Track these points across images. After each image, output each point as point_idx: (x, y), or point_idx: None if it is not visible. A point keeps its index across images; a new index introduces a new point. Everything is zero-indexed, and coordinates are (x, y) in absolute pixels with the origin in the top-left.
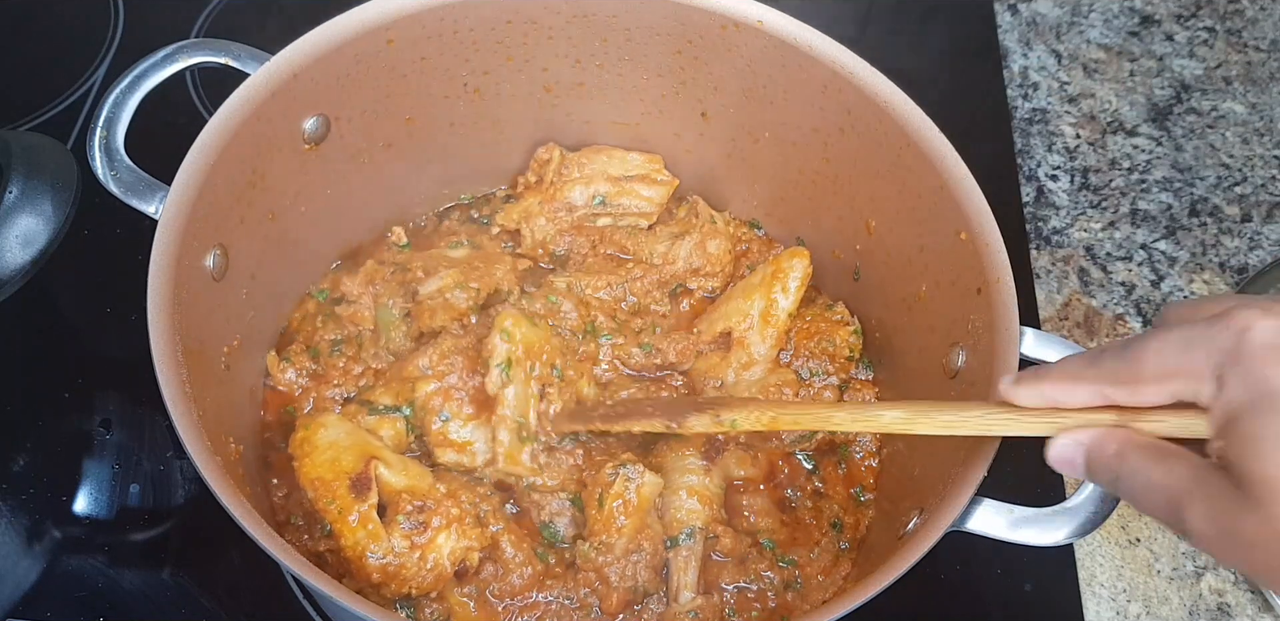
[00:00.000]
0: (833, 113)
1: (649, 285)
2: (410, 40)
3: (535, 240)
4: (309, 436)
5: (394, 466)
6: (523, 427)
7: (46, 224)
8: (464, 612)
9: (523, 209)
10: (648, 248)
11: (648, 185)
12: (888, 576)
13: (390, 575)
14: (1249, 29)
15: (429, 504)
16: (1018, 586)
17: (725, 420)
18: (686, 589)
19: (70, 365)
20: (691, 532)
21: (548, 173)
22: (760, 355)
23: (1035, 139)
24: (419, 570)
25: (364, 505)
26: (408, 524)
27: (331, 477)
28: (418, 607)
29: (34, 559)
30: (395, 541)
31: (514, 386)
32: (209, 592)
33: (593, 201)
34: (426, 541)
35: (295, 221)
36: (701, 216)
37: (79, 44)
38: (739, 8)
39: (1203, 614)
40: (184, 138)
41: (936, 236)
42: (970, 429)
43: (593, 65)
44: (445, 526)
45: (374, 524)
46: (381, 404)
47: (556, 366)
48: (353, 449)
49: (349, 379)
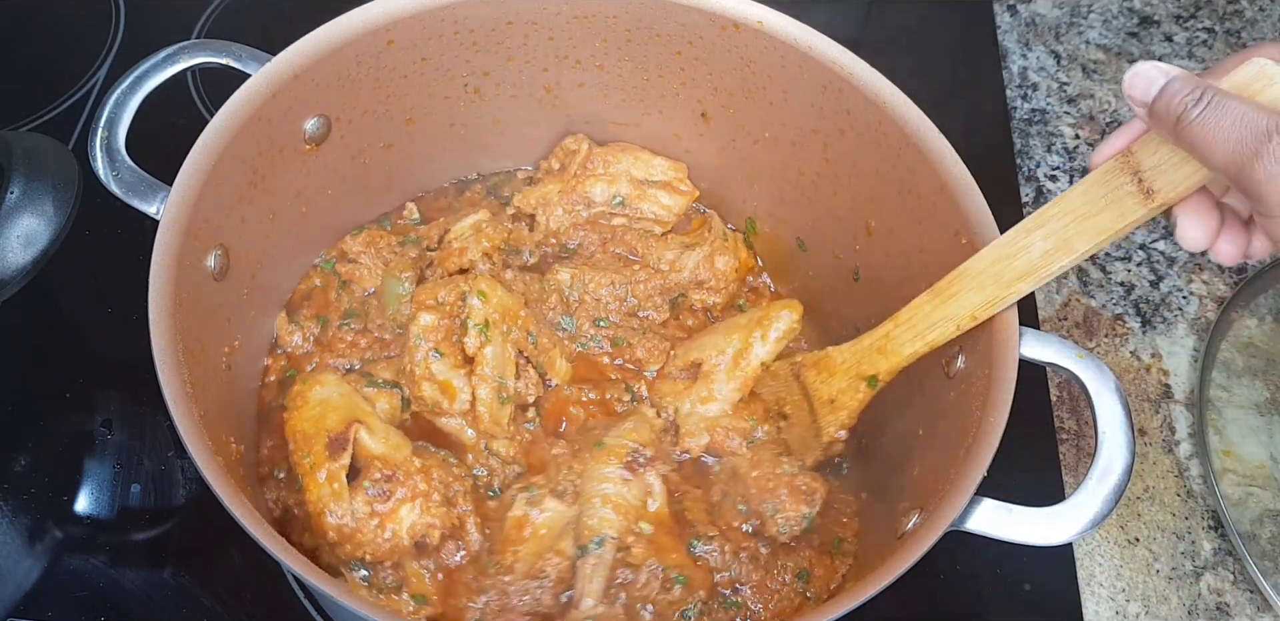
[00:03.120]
0: (832, 113)
1: (651, 290)
2: (411, 41)
3: (549, 228)
4: (303, 391)
5: (375, 433)
6: (503, 389)
7: (48, 224)
8: (419, 582)
9: (541, 194)
10: (657, 253)
11: (669, 193)
12: (887, 576)
13: (346, 536)
14: (1248, 30)
15: (399, 475)
16: (1017, 586)
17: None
18: (589, 595)
19: (71, 365)
20: (601, 541)
21: (572, 163)
22: (721, 395)
23: (1034, 139)
24: (375, 537)
25: (335, 464)
26: (373, 490)
27: (313, 432)
28: (374, 570)
29: (35, 558)
30: (356, 504)
31: (492, 347)
32: (210, 592)
33: (612, 201)
34: (388, 511)
35: (296, 221)
36: (715, 231)
37: (80, 45)
38: (739, 8)
39: (1202, 613)
40: (185, 138)
41: (936, 237)
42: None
43: (593, 66)
44: (410, 499)
45: (340, 483)
46: (381, 378)
47: (532, 333)
48: (341, 409)
49: (355, 350)
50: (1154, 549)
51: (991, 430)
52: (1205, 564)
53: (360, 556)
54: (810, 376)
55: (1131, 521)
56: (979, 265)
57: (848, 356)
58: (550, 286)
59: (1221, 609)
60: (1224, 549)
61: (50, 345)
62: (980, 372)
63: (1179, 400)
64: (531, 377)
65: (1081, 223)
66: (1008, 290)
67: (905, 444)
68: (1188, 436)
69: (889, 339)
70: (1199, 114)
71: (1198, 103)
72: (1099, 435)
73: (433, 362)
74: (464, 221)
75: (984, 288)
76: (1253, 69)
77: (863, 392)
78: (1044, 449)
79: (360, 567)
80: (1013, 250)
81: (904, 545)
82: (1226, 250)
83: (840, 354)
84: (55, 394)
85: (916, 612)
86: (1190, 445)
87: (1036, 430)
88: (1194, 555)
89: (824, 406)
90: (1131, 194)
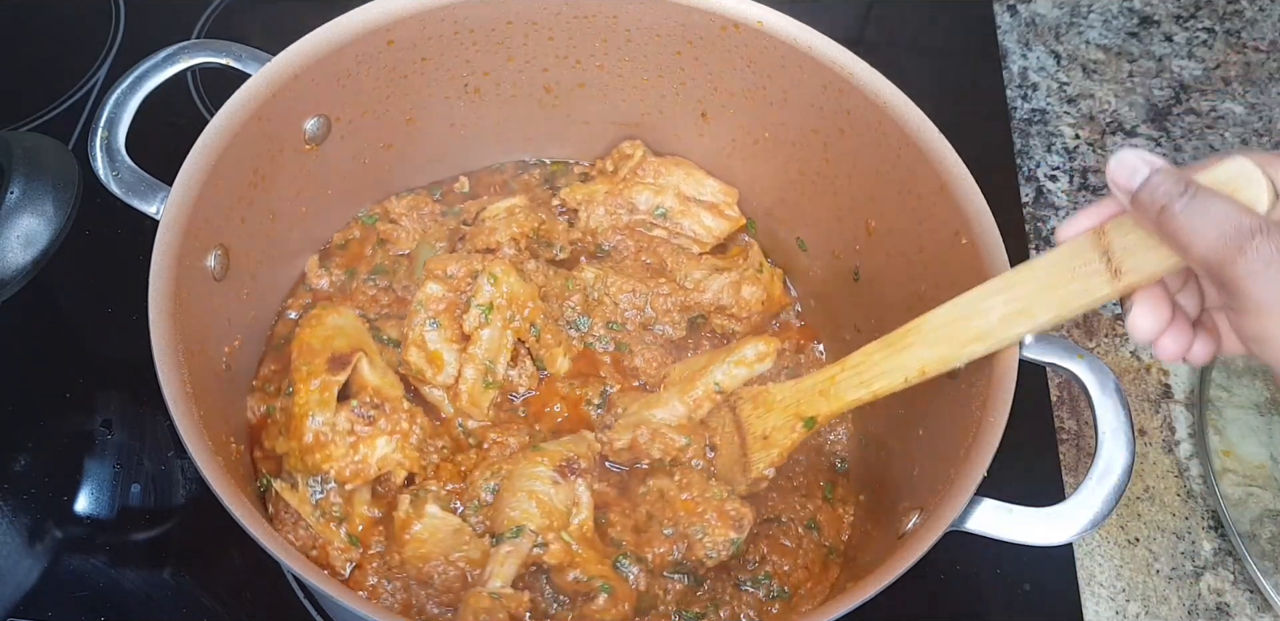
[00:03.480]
0: (832, 113)
1: (670, 305)
2: (411, 41)
3: (588, 226)
4: (321, 314)
5: (376, 368)
6: (489, 372)
7: (48, 224)
8: (360, 526)
9: (588, 192)
10: (686, 270)
11: (714, 215)
12: (887, 576)
13: (319, 444)
14: (1248, 29)
15: (387, 407)
16: (1017, 586)
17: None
18: (498, 578)
19: (71, 365)
20: (519, 531)
21: (624, 167)
22: (667, 407)
23: (1034, 139)
24: (346, 454)
25: (331, 377)
26: (359, 411)
27: (319, 348)
28: (328, 492)
29: (35, 558)
30: (340, 418)
31: (490, 330)
32: (210, 592)
33: (654, 211)
34: (366, 435)
35: (297, 221)
36: (750, 260)
37: (80, 45)
38: (739, 8)
39: (1201, 613)
40: (185, 138)
41: (936, 237)
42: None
43: (593, 66)
44: (389, 432)
45: (330, 394)
46: (387, 335)
47: (536, 325)
48: (352, 337)
49: (374, 305)
50: (1154, 549)
51: (991, 430)
52: (1205, 564)
53: (325, 470)
54: (746, 410)
55: (1131, 521)
56: (935, 321)
57: (788, 394)
58: (575, 285)
59: (1221, 609)
60: (1224, 549)
61: (50, 345)
62: (980, 372)
63: (1179, 400)
64: (528, 369)
65: (1045, 293)
66: (961, 350)
67: (905, 444)
68: (1188, 436)
69: (833, 382)
70: (1182, 207)
71: (1181, 195)
72: (1099, 435)
73: (428, 331)
74: (499, 203)
75: (937, 344)
76: (1233, 167)
77: (798, 433)
78: (1044, 449)
79: (318, 485)
80: (971, 311)
81: (904, 545)
82: (1169, 347)
83: (780, 391)
84: (55, 394)
85: (916, 612)
86: (1190, 445)
87: (1036, 430)
88: (1194, 555)
89: (757, 441)
90: (1099, 272)
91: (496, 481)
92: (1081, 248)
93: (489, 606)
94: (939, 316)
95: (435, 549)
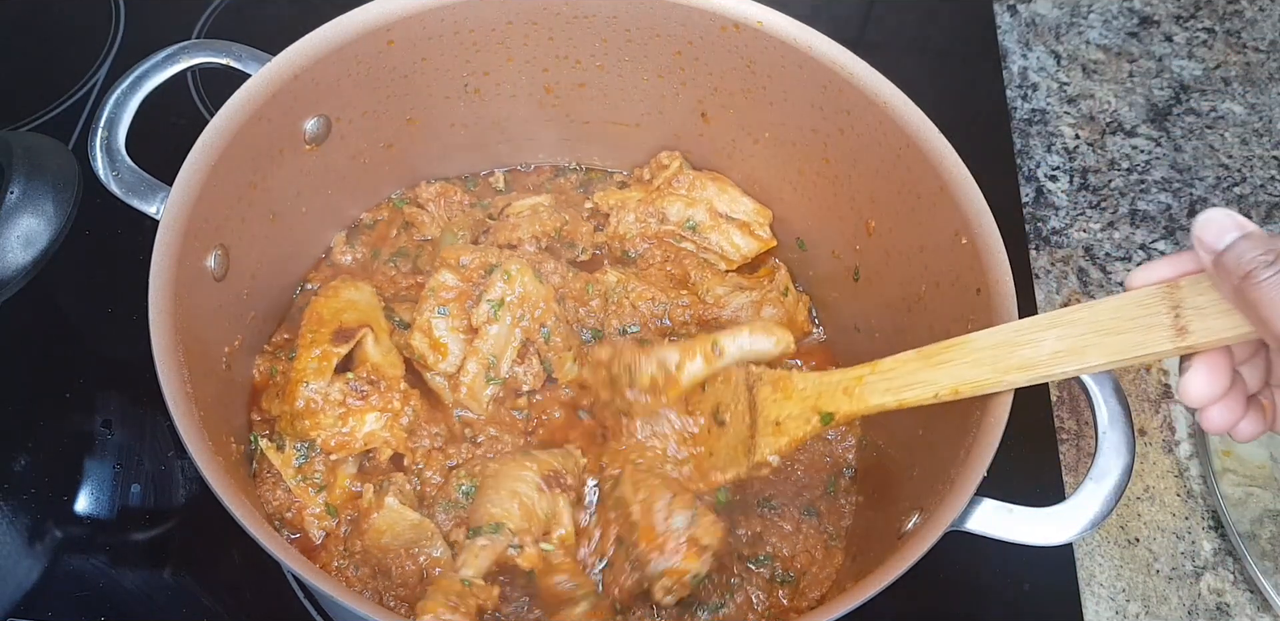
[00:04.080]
0: (832, 113)
1: (688, 318)
2: (411, 41)
3: (618, 231)
4: (339, 286)
5: (381, 345)
6: (491, 368)
7: (48, 224)
8: (339, 497)
9: (621, 198)
10: (709, 284)
11: (744, 233)
12: (887, 576)
13: (309, 411)
14: (1248, 30)
15: (382, 384)
16: (1017, 586)
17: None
18: (469, 567)
19: (71, 365)
20: (498, 528)
21: (659, 177)
22: (660, 347)
23: (1034, 139)
24: (334, 424)
25: (332, 348)
26: (354, 384)
27: (329, 318)
28: (312, 458)
29: (35, 558)
30: (333, 388)
31: (498, 326)
32: (210, 592)
33: (685, 223)
34: (357, 409)
35: (297, 221)
36: (776, 283)
37: (80, 45)
38: (739, 8)
39: (1202, 613)
40: (185, 138)
41: (936, 237)
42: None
43: (593, 66)
44: (380, 408)
45: (328, 363)
46: (400, 317)
47: (546, 327)
48: (364, 312)
49: (391, 286)
50: (1154, 549)
51: (991, 430)
52: (1205, 564)
53: (312, 437)
54: (764, 392)
55: (1131, 521)
56: (981, 342)
57: (810, 384)
58: (595, 289)
59: (1221, 609)
60: (1224, 549)
61: (50, 345)
62: None
63: (1179, 400)
64: (534, 368)
65: (1102, 336)
66: (1002, 377)
67: (905, 444)
68: (1188, 436)
69: (860, 382)
70: (1268, 277)
71: (1270, 266)
72: (1099, 435)
73: (436, 318)
74: (525, 200)
75: (979, 365)
76: None
77: (812, 426)
78: (1044, 449)
79: (304, 450)
80: (1022, 339)
81: (904, 545)
82: (1215, 418)
83: (803, 380)
84: (55, 394)
85: (917, 612)
86: (1190, 445)
87: (1036, 430)
88: (1194, 555)
89: (768, 425)
90: (1163, 327)
91: (472, 483)
92: (1151, 298)
93: (460, 591)
94: (986, 337)
95: (394, 541)
